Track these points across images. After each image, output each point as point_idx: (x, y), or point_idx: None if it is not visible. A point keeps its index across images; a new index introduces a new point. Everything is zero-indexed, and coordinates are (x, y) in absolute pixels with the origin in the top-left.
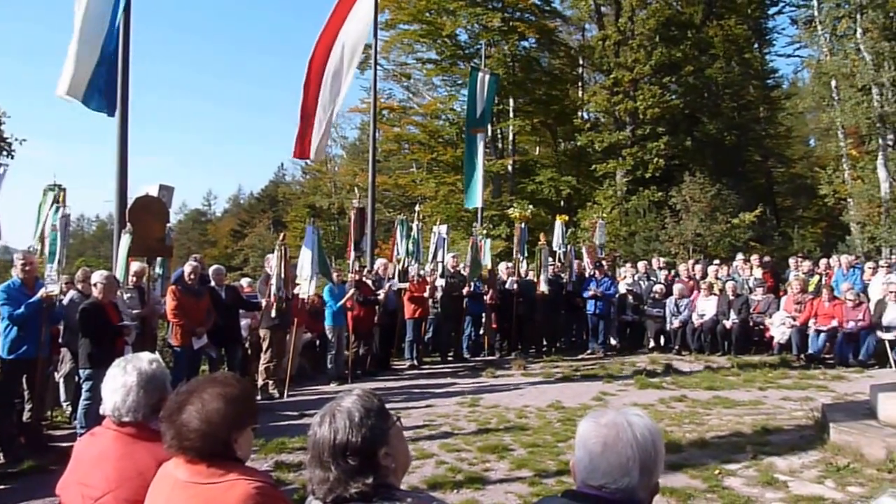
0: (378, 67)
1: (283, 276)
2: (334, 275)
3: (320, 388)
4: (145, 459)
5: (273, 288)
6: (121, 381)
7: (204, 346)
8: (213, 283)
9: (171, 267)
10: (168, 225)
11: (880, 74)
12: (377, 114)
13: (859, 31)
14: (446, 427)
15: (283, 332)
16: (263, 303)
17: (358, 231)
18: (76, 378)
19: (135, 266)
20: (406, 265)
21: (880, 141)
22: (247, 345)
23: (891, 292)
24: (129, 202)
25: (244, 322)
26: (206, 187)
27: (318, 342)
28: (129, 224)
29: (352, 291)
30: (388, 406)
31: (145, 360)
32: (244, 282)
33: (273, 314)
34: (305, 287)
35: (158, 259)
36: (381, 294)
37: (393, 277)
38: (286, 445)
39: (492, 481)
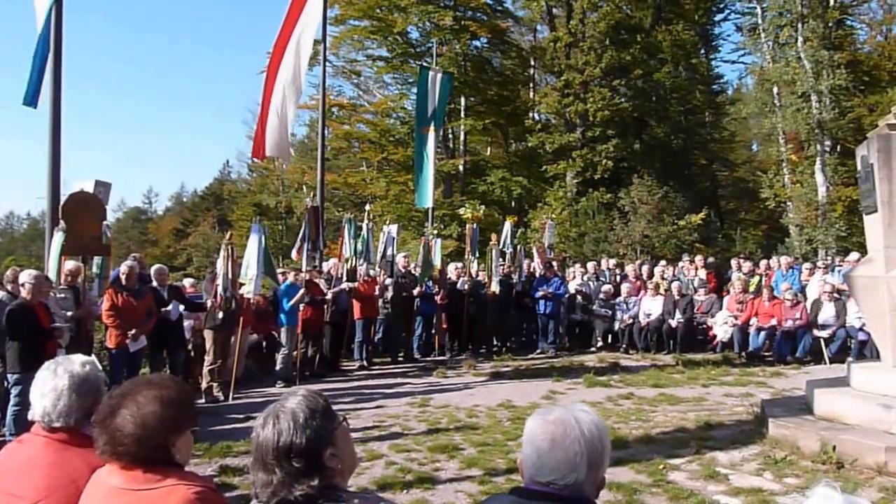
0: (328, 64)
1: (229, 275)
2: (291, 275)
3: (267, 389)
4: (78, 466)
5: (219, 288)
6: (51, 384)
7: (141, 349)
8: (154, 284)
9: (111, 266)
10: (105, 223)
11: (819, 82)
12: (326, 111)
13: (800, 39)
14: (396, 427)
15: (228, 333)
16: (208, 303)
17: (314, 230)
18: (4, 383)
19: (69, 265)
20: (354, 265)
21: (818, 147)
22: (190, 346)
23: (826, 292)
24: (63, 199)
25: (187, 323)
26: (146, 184)
27: (264, 343)
28: (62, 222)
29: (302, 291)
30: (337, 407)
31: (77, 362)
32: (187, 282)
33: (219, 315)
34: (250, 287)
35: (96, 258)
36: (329, 294)
37: (342, 277)
38: (231, 449)
39: (442, 481)
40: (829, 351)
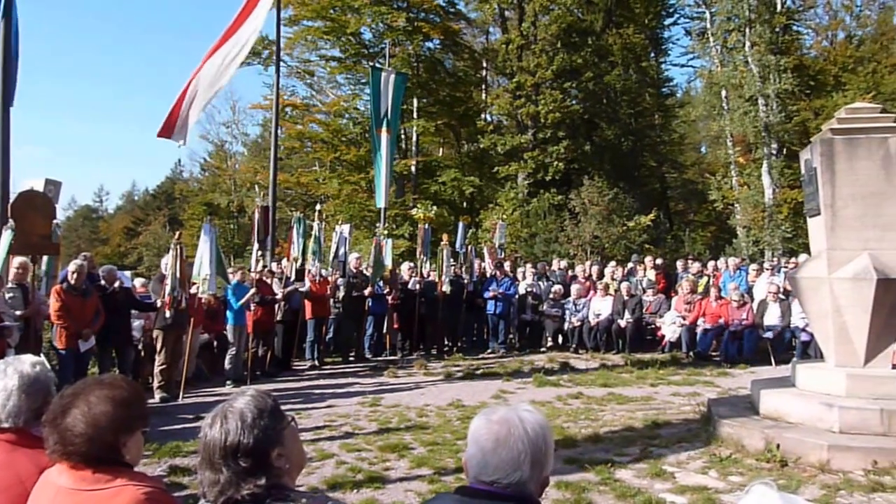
0: (281, 64)
1: (178, 275)
2: (238, 274)
3: (217, 389)
4: (26, 467)
5: (168, 288)
6: (0, 384)
7: (90, 349)
8: (104, 283)
9: (60, 266)
10: (55, 221)
11: (766, 86)
12: (280, 111)
13: (748, 44)
14: (347, 427)
15: (178, 333)
16: (158, 303)
17: (262, 230)
18: None
19: (16, 263)
20: (303, 265)
21: (765, 149)
22: (140, 346)
23: (772, 293)
24: (12, 196)
25: (137, 323)
26: (97, 182)
27: (215, 343)
28: (10, 220)
29: (252, 291)
30: (288, 407)
31: (27, 362)
32: (137, 282)
33: (168, 315)
34: (203, 286)
35: (45, 257)
36: (280, 294)
37: (291, 277)
38: (181, 449)
39: (392, 480)
40: (774, 351)
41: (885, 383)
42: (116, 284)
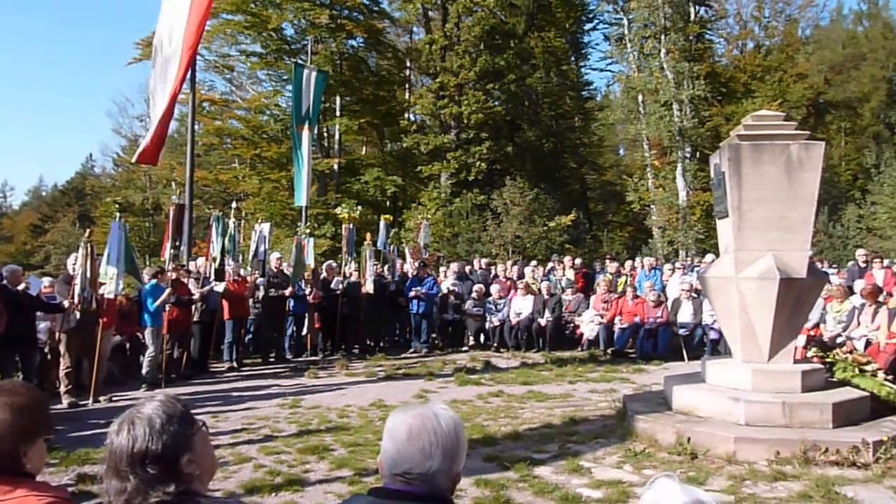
0: (198, 57)
1: (87, 275)
2: (148, 273)
3: (131, 393)
4: None
5: (77, 288)
6: None
7: None
8: (6, 283)
9: None
10: None
11: (680, 92)
12: (197, 106)
13: (663, 51)
14: (266, 430)
15: (87, 335)
16: (65, 304)
17: (177, 228)
18: None
19: None
20: (223, 264)
21: (679, 153)
22: (46, 349)
23: (684, 291)
24: None
25: (43, 325)
26: (0, 177)
27: (128, 345)
28: None
29: (168, 291)
30: (205, 410)
31: None
32: (45, 281)
33: (75, 316)
34: (112, 287)
35: None
36: (198, 294)
37: (209, 276)
38: (90, 456)
39: (311, 482)
40: (687, 348)
41: (787, 378)
42: (21, 287)
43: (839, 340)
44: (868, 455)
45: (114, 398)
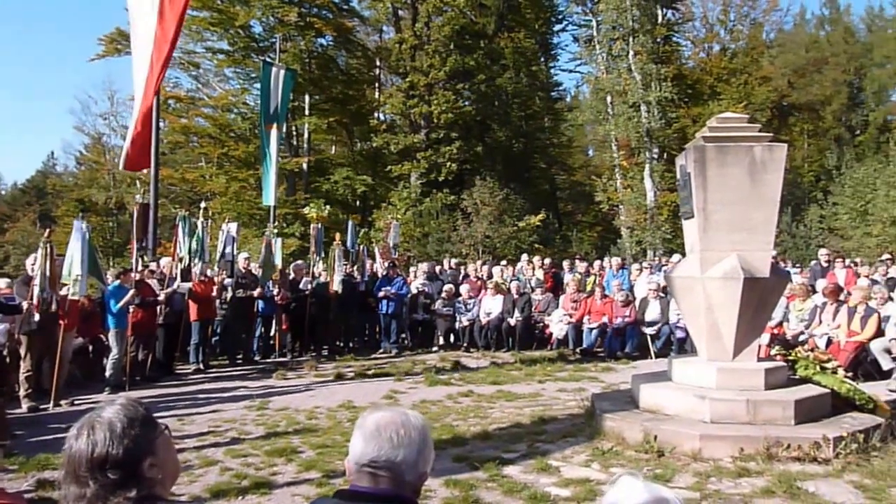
0: None
1: (48, 276)
2: (112, 274)
3: (94, 396)
4: None
5: (36, 290)
6: None
7: None
8: None
9: None
10: None
11: (648, 93)
12: (162, 103)
13: (631, 53)
14: (233, 432)
15: (48, 337)
16: (25, 305)
17: (141, 228)
18: None
19: None
20: (189, 264)
21: (647, 154)
22: (5, 352)
23: (652, 290)
24: None
25: (1, 327)
26: None
27: (90, 347)
28: None
29: (132, 292)
30: (170, 413)
31: None
32: (2, 282)
33: (36, 318)
34: (74, 288)
35: None
36: (162, 295)
37: (175, 277)
38: (51, 462)
39: (279, 485)
40: (654, 346)
41: (751, 376)
42: None
43: (801, 338)
44: (829, 450)
45: (75, 402)
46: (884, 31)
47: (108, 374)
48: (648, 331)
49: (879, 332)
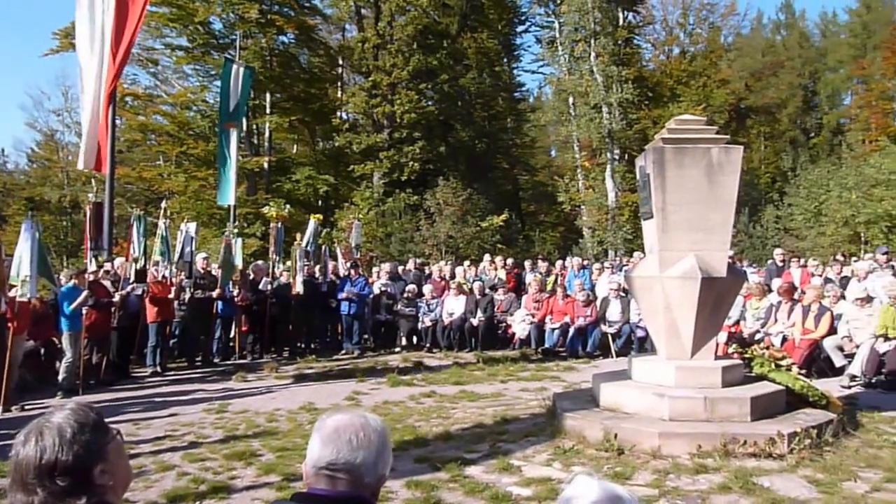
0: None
1: None
2: (65, 275)
3: (47, 401)
4: None
5: None
6: None
7: None
8: None
9: None
10: None
11: (609, 95)
12: (118, 100)
13: (593, 55)
14: (191, 436)
15: None
16: None
17: (95, 228)
18: None
19: None
20: (145, 265)
21: (608, 155)
22: None
23: (613, 290)
24: None
25: None
26: None
27: (42, 350)
28: None
29: (85, 294)
30: (125, 417)
31: None
32: None
33: None
34: (23, 289)
35: None
36: (118, 297)
37: (128, 278)
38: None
39: (238, 489)
40: (615, 345)
41: (709, 374)
42: None
43: (757, 337)
44: (783, 446)
45: (26, 407)
46: (837, 37)
47: (60, 377)
48: (609, 330)
49: (832, 330)
